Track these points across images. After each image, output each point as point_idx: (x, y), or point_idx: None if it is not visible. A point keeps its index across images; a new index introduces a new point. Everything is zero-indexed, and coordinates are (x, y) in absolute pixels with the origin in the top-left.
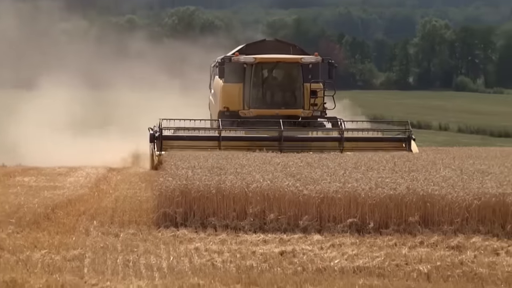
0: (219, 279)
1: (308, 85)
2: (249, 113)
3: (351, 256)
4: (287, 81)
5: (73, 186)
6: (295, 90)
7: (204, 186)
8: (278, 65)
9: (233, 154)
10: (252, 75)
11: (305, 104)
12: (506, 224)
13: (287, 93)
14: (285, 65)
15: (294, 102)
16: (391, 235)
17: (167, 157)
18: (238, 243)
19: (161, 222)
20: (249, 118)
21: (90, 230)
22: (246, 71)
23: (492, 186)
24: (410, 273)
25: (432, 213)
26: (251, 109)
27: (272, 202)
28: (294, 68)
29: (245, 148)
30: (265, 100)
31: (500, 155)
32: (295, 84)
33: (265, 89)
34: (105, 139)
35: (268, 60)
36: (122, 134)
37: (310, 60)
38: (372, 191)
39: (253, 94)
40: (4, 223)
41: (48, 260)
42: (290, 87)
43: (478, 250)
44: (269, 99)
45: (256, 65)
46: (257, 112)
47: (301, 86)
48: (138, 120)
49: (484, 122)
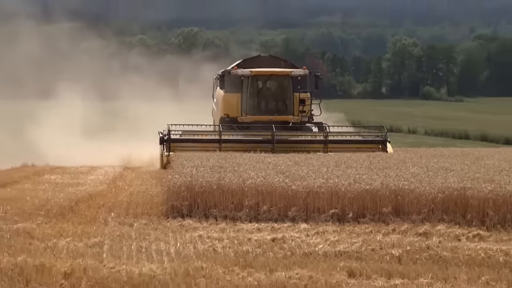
0: (220, 262)
1: (297, 95)
2: (246, 119)
3: (333, 242)
4: (279, 91)
5: (94, 183)
6: (286, 99)
7: (206, 182)
8: (271, 78)
9: (231, 154)
10: (248, 86)
11: (294, 111)
12: (466, 214)
13: (279, 101)
14: (277, 78)
15: (285, 109)
16: (367, 223)
17: (174, 157)
18: (235, 231)
19: (170, 213)
20: (246, 124)
21: (108, 220)
22: (243, 82)
23: (454, 181)
24: (384, 256)
25: (403, 205)
26: (248, 115)
27: (265, 196)
28: (285, 80)
29: (242, 149)
30: (260, 108)
31: (460, 154)
32: (286, 93)
33: (260, 98)
34: (115, 142)
35: (262, 73)
36: (131, 138)
37: (299, 73)
38: (351, 186)
39: (250, 103)
40: (34, 215)
41: (72, 247)
42: (281, 96)
43: (442, 237)
44: (263, 107)
45: (252, 78)
46: (253, 118)
47: (291, 95)
48: (144, 126)
49: (446, 126)
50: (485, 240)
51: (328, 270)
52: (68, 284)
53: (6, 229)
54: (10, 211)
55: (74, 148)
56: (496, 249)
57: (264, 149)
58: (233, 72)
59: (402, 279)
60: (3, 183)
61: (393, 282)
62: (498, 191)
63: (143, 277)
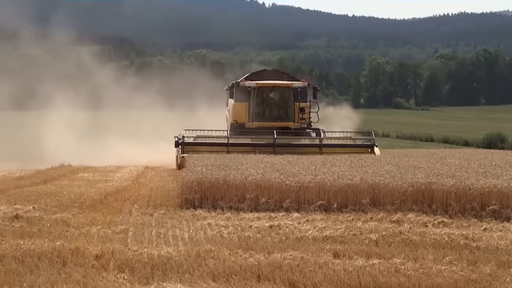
0: (226, 245)
1: (297, 104)
2: (252, 125)
3: (321, 228)
4: (281, 100)
5: (120, 180)
6: (287, 108)
7: (214, 179)
8: (275, 89)
9: (235, 156)
10: (255, 96)
11: (295, 118)
12: (432, 204)
13: (281, 109)
14: (280, 89)
15: (287, 117)
16: (349, 213)
17: (188, 158)
18: (239, 219)
19: (184, 205)
20: (252, 129)
21: (132, 211)
22: (250, 93)
23: (421, 177)
24: (363, 240)
25: (379, 197)
26: (254, 122)
27: (263, 190)
28: (287, 91)
29: (247, 151)
30: (264, 115)
31: (427, 154)
32: (287, 103)
33: (265, 106)
34: (143, 145)
35: (266, 85)
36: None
37: (299, 85)
38: (335, 181)
39: (255, 111)
40: (70, 206)
41: (102, 233)
42: (283, 105)
43: (412, 223)
44: (267, 114)
45: (257, 89)
46: (258, 124)
47: (292, 104)
48: (161, 132)
49: (415, 131)
50: (448, 226)
51: (316, 252)
52: (99, 264)
53: (47, 218)
54: (50, 204)
55: (102, 150)
56: (458, 233)
57: (266, 151)
58: (241, 84)
59: (379, 259)
60: (44, 180)
61: (372, 262)
62: (459, 185)
63: (161, 258)
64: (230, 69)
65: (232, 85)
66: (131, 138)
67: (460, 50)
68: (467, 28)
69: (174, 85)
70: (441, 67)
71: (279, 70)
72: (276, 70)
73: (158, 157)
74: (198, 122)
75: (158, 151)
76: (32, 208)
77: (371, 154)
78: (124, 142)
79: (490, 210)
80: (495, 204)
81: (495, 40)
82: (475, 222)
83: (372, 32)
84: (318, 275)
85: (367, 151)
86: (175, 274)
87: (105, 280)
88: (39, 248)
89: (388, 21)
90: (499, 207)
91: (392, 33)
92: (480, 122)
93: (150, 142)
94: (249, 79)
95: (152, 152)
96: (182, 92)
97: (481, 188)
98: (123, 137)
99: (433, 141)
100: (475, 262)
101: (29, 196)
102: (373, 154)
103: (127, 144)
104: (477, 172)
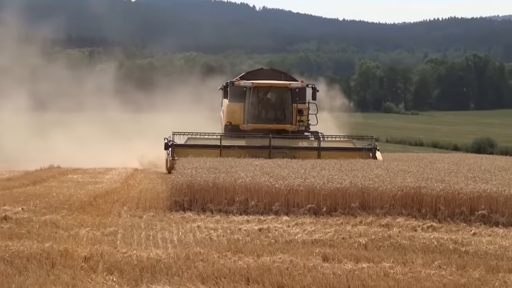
0: (215, 248)
1: (295, 105)
2: (247, 127)
3: (310, 231)
4: (279, 102)
5: (109, 181)
6: (285, 109)
7: (203, 181)
8: (271, 89)
9: (225, 158)
10: (250, 96)
11: (293, 121)
12: (421, 209)
13: (278, 111)
14: (277, 89)
15: (284, 119)
16: (338, 216)
17: (177, 160)
18: (228, 222)
19: (173, 207)
20: (247, 132)
21: (122, 213)
22: (246, 93)
23: (411, 181)
24: (352, 244)
25: (368, 201)
26: (249, 123)
27: (253, 193)
28: (284, 91)
29: (241, 155)
30: (260, 117)
31: (416, 159)
32: (285, 104)
33: (261, 108)
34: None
35: (263, 84)
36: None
37: (297, 85)
38: (325, 185)
39: (251, 112)
40: (59, 208)
41: (91, 235)
42: (281, 106)
43: (401, 227)
44: (263, 116)
45: (253, 89)
46: (253, 126)
47: (289, 106)
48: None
49: (404, 135)
50: (437, 230)
51: (305, 255)
52: (87, 266)
53: (36, 220)
54: (39, 205)
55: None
56: (447, 238)
57: (261, 155)
58: (236, 83)
59: (368, 263)
60: (33, 181)
61: (361, 266)
62: (448, 189)
63: (150, 260)
64: (221, 72)
65: (226, 84)
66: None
67: (450, 55)
68: (457, 33)
69: (162, 88)
70: (431, 71)
71: (276, 70)
72: (273, 69)
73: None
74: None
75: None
76: (21, 209)
77: (372, 159)
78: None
79: (479, 215)
80: (484, 208)
81: (485, 45)
82: (464, 226)
83: (362, 36)
84: (307, 278)
85: (368, 156)
86: (164, 277)
87: (94, 282)
88: (28, 250)
89: (378, 25)
90: (488, 212)
91: (382, 37)
92: (469, 127)
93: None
94: (244, 78)
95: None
96: (175, 93)
97: (470, 193)
98: (104, 138)
99: (423, 145)
100: (464, 266)
101: (18, 198)
102: (374, 159)
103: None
104: (466, 177)
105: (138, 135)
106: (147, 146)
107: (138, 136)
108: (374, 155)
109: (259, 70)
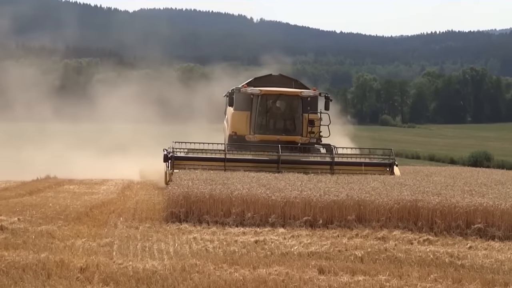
0: (211, 260)
1: (306, 115)
2: (254, 138)
3: (306, 244)
4: (288, 111)
5: (105, 192)
6: (295, 119)
7: (200, 193)
8: (281, 97)
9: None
10: (257, 104)
11: (303, 132)
12: (417, 222)
13: (288, 121)
14: (286, 97)
15: (294, 130)
16: (335, 229)
17: (175, 172)
18: (224, 234)
19: (169, 218)
20: (253, 143)
21: (118, 224)
22: (253, 101)
23: (407, 194)
24: (349, 256)
25: (365, 213)
26: (256, 134)
27: (249, 205)
28: (295, 100)
29: (248, 168)
30: (268, 127)
31: (413, 172)
32: (295, 114)
33: (269, 117)
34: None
35: (272, 92)
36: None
37: (308, 94)
38: (321, 197)
39: (258, 121)
40: (55, 219)
41: (87, 246)
42: (290, 116)
43: (397, 240)
44: (272, 126)
45: (261, 96)
46: (260, 137)
47: (300, 116)
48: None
49: (401, 148)
50: (433, 244)
51: (301, 268)
52: (83, 277)
53: (32, 230)
54: (35, 215)
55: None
56: (443, 251)
57: (270, 169)
58: (242, 90)
59: (364, 276)
60: (29, 192)
61: (357, 278)
62: (444, 203)
63: (146, 272)
64: (218, 83)
65: (232, 91)
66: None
67: (447, 68)
68: (454, 46)
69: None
70: (428, 84)
71: (286, 76)
72: (282, 75)
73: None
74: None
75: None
76: (17, 219)
77: (390, 175)
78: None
79: (475, 229)
80: (480, 222)
81: (482, 58)
82: (460, 240)
83: (360, 48)
84: None
85: (386, 171)
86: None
87: None
88: (24, 260)
89: (376, 38)
90: (484, 226)
91: (380, 50)
92: (466, 140)
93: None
94: (251, 84)
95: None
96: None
97: (467, 206)
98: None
99: (419, 158)
100: (460, 280)
101: (14, 208)
102: (392, 174)
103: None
104: (462, 190)
105: (137, 146)
106: (146, 158)
107: (138, 147)
108: (392, 171)
109: (268, 76)
